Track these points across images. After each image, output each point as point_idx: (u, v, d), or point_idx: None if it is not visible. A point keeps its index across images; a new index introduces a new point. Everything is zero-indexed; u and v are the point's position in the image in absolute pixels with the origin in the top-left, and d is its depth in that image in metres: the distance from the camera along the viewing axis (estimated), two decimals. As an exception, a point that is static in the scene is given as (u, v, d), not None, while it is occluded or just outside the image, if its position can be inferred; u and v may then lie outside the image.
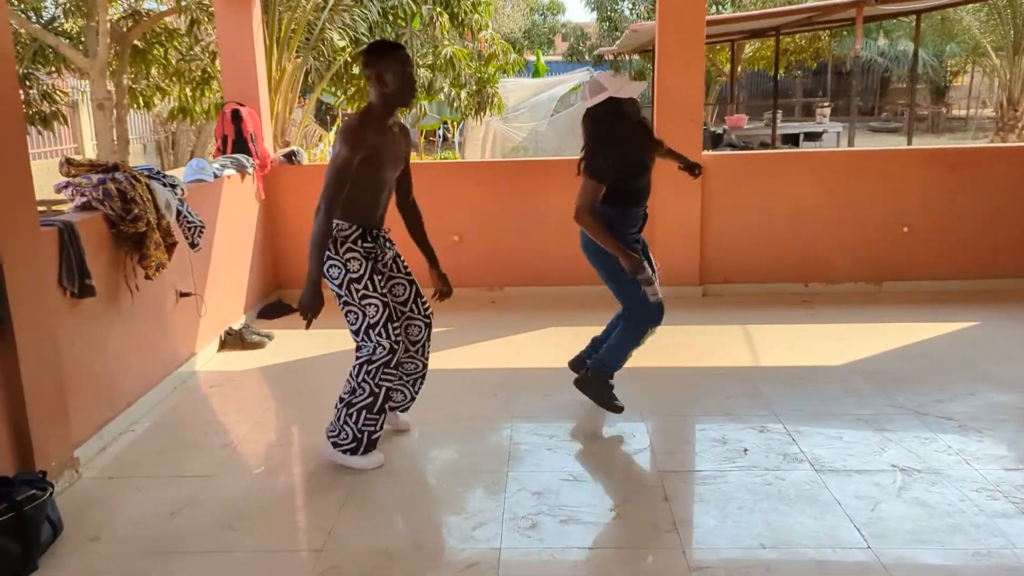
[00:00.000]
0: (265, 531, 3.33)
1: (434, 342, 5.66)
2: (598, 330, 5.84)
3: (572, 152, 16.51)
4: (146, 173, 4.53)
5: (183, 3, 8.73)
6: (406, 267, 3.95)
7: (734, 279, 6.64)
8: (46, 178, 8.25)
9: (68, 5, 9.28)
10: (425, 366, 4.15)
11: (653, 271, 4.19)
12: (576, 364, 4.61)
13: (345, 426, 3.74)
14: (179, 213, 4.69)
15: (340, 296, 3.64)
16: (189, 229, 4.81)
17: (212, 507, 3.51)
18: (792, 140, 15.43)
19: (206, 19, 8.85)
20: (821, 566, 2.98)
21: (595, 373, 4.35)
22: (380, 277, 3.68)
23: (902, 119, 24.30)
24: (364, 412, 3.71)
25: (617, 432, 4.16)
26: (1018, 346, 5.28)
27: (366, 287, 3.61)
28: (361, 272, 3.61)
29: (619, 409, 4.31)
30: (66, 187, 4.19)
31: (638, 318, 4.17)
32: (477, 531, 3.27)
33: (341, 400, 3.75)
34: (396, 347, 3.66)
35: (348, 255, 3.60)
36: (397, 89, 3.57)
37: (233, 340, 5.60)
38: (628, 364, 5.03)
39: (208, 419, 4.57)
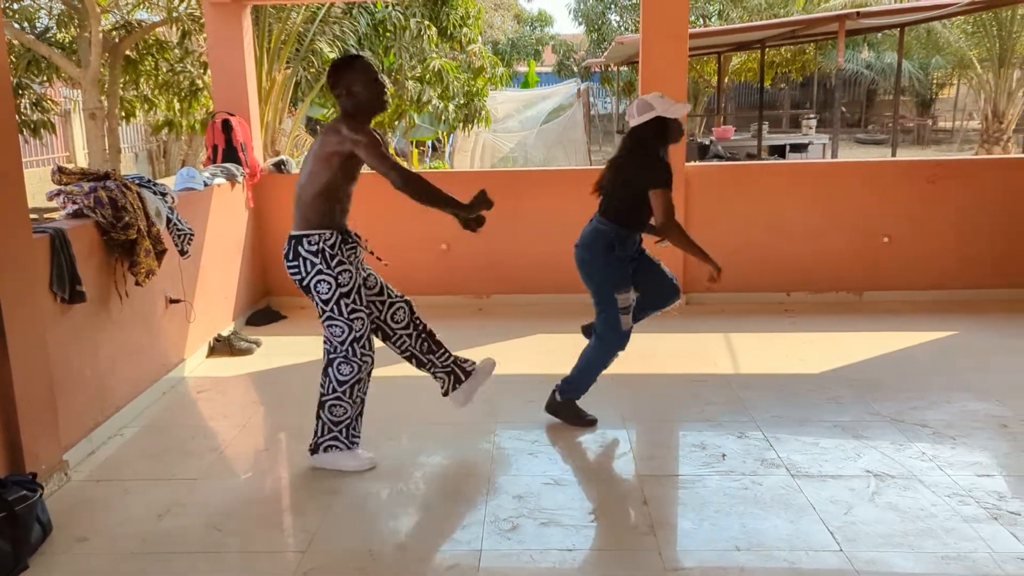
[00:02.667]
0: (251, 533, 3.39)
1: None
2: (584, 339, 5.94)
3: (559, 163, 16.66)
4: (137, 181, 4.60)
5: (174, 14, 8.81)
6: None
7: (716, 288, 6.72)
8: (38, 186, 8.31)
9: (61, 16, 9.34)
10: (426, 332, 4.10)
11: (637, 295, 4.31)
12: (553, 406, 4.60)
13: (344, 443, 3.86)
14: (169, 221, 4.75)
15: (325, 311, 3.66)
16: (179, 236, 4.87)
17: (199, 509, 3.57)
18: (779, 151, 15.56)
19: (197, 30, 8.92)
20: (794, 568, 3.05)
21: (566, 397, 4.40)
22: (364, 289, 3.74)
23: (888, 131, 24.50)
24: (356, 419, 3.86)
25: (598, 437, 4.24)
26: (994, 356, 5.38)
27: (355, 301, 3.65)
28: (351, 286, 3.64)
29: (594, 421, 4.38)
30: (58, 195, 4.26)
31: (608, 342, 4.28)
32: (459, 533, 3.34)
33: (334, 423, 3.82)
34: (373, 357, 3.80)
35: (339, 268, 3.61)
36: (369, 97, 3.63)
37: (222, 346, 5.66)
38: (609, 371, 5.12)
39: (196, 424, 4.62)
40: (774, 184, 6.75)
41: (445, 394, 4.19)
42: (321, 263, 3.60)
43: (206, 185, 5.77)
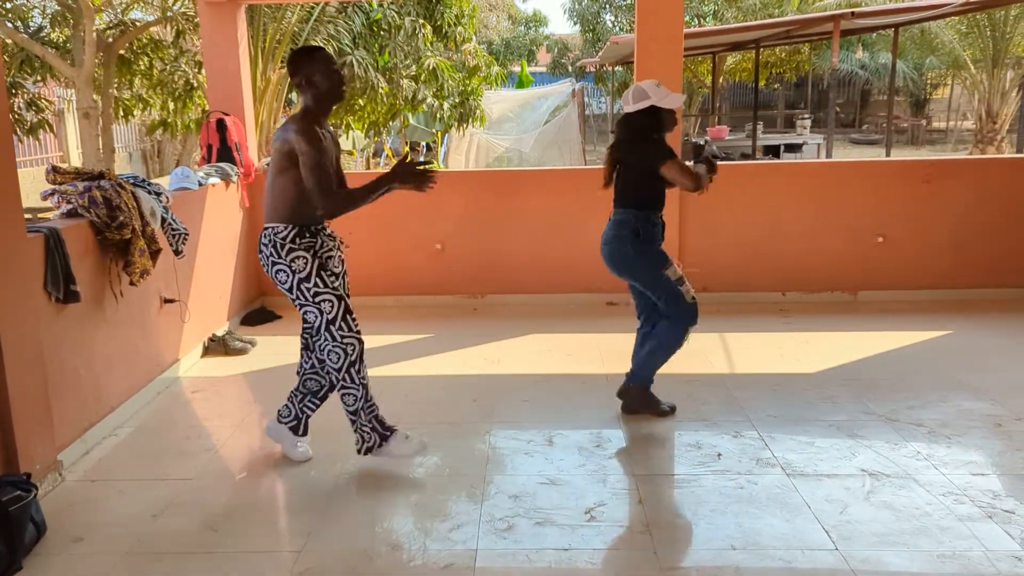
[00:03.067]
0: (246, 532, 3.38)
1: (417, 348, 5.76)
2: (579, 337, 5.95)
3: (555, 163, 16.65)
4: (131, 181, 4.59)
5: (168, 14, 8.79)
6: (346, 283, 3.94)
7: (712, 288, 6.73)
8: (32, 186, 8.29)
9: (55, 15, 9.31)
10: (330, 388, 3.98)
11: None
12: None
13: (370, 431, 3.84)
14: (164, 220, 4.74)
15: (294, 300, 3.68)
16: (173, 236, 4.86)
17: (194, 509, 3.57)
18: (773, 151, 15.56)
19: (191, 29, 8.90)
20: (789, 567, 3.06)
21: (636, 387, 4.43)
22: (327, 273, 3.71)
23: (883, 131, 24.56)
24: (372, 407, 3.83)
25: (594, 437, 4.24)
26: (989, 355, 5.39)
27: (316, 284, 3.64)
28: (308, 270, 3.63)
29: (672, 409, 4.45)
30: (52, 194, 4.25)
31: (678, 319, 4.28)
32: (454, 533, 3.33)
33: (356, 412, 3.81)
34: (361, 338, 3.74)
35: (291, 255, 3.63)
36: (328, 87, 3.65)
37: (216, 346, 5.65)
38: (605, 370, 5.14)
39: (191, 424, 4.61)
40: (769, 184, 6.76)
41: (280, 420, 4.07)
42: (272, 254, 3.65)
43: (201, 185, 5.76)
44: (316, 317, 3.67)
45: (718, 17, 24.77)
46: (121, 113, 10.32)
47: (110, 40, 9.16)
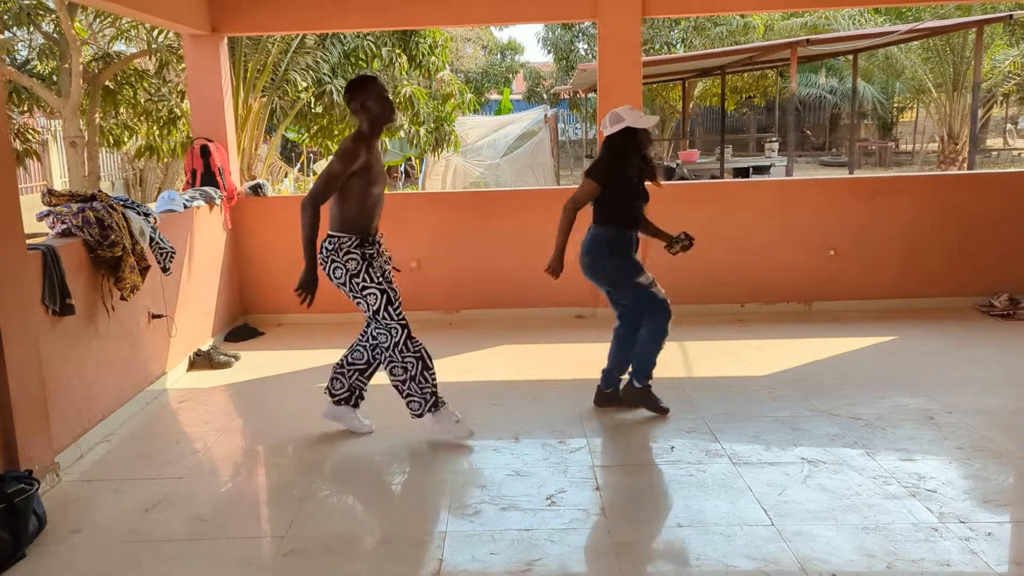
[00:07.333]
0: (233, 521, 3.67)
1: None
2: (548, 347, 6.25)
3: (528, 186, 17.02)
4: (122, 203, 4.89)
5: (153, 46, 9.10)
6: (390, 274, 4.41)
7: (674, 301, 7.02)
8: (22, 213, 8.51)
9: (42, 48, 9.61)
10: (378, 366, 4.58)
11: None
12: (603, 399, 4.96)
13: (418, 397, 4.39)
14: (152, 239, 5.04)
15: (347, 292, 4.26)
16: (161, 254, 5.16)
17: (184, 503, 3.84)
18: (742, 173, 16.04)
19: (175, 60, 9.22)
20: (729, 540, 3.37)
21: (641, 387, 4.79)
22: (375, 270, 4.24)
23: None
24: (420, 375, 4.36)
25: (558, 435, 4.54)
26: (929, 357, 5.75)
27: (364, 279, 4.21)
28: (358, 268, 4.20)
29: (666, 410, 4.79)
30: (47, 215, 4.54)
31: (656, 317, 4.68)
32: (425, 518, 3.65)
33: (401, 383, 4.38)
34: (405, 322, 4.30)
35: (347, 257, 4.19)
36: (380, 111, 4.21)
37: (202, 360, 5.92)
38: (572, 376, 5.45)
39: (179, 430, 4.88)
40: (729, 202, 7.11)
41: (337, 403, 4.65)
42: (333, 253, 4.20)
43: (186, 207, 6.05)
44: (366, 308, 4.28)
45: (687, 44, 25.37)
46: (111, 142, 10.58)
47: (96, 71, 9.46)
